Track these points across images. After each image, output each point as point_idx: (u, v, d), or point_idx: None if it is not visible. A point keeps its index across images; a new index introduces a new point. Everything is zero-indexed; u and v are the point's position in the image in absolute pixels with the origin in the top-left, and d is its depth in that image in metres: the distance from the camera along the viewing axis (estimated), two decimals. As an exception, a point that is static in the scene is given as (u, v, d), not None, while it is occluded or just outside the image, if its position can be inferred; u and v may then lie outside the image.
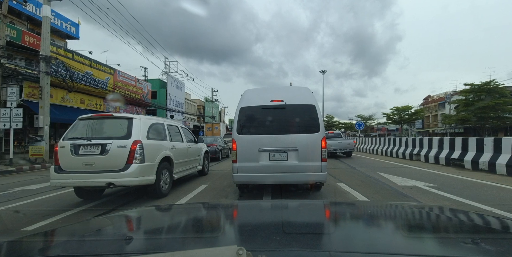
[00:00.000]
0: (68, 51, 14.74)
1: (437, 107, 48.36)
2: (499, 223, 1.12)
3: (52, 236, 1.07)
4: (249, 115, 4.68)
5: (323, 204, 1.70)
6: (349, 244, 0.84)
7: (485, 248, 0.73)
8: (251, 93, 4.86)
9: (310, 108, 4.54)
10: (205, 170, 7.80)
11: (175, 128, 6.26)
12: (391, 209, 1.48)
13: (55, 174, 4.40)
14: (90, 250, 0.85)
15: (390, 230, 1.08)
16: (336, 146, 13.28)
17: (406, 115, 43.70)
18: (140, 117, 4.89)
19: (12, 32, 12.12)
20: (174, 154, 5.46)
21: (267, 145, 4.44)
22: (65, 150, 4.43)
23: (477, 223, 1.12)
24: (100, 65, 16.89)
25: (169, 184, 5.23)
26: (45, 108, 11.66)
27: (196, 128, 34.72)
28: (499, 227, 1.05)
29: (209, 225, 1.22)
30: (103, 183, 4.23)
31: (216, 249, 0.59)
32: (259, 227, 1.04)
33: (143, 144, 4.50)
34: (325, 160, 4.37)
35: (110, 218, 1.56)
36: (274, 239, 0.81)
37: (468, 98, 29.62)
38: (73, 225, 1.44)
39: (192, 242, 0.95)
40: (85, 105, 15.95)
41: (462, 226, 1.08)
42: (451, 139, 9.54)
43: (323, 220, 1.24)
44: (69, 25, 17.49)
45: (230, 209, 1.50)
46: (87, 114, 4.97)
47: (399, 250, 0.77)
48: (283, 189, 5.41)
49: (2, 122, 10.63)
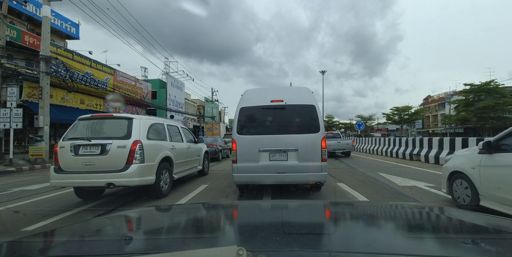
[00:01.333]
0: (68, 51, 14.74)
1: (437, 107, 48.38)
2: (499, 223, 1.12)
3: (52, 236, 1.07)
4: (249, 116, 4.68)
5: (323, 204, 1.70)
6: (349, 244, 0.84)
7: (485, 248, 0.73)
8: (251, 94, 4.86)
9: (310, 108, 4.54)
10: (205, 170, 7.80)
11: (175, 128, 6.26)
12: (391, 209, 1.48)
13: (55, 174, 4.40)
14: (90, 250, 0.85)
15: (390, 230, 1.08)
16: (335, 146, 13.44)
17: (406, 115, 43.73)
18: (140, 118, 4.89)
19: (12, 32, 12.12)
20: (174, 154, 5.46)
21: (267, 145, 4.44)
22: (65, 150, 4.42)
23: (477, 223, 1.12)
24: (100, 66, 16.89)
25: (169, 184, 5.23)
26: (45, 108, 11.66)
27: (196, 128, 34.73)
28: (499, 227, 1.05)
29: (209, 225, 1.22)
30: (103, 183, 4.23)
31: (216, 249, 0.59)
32: (259, 227, 1.04)
33: (143, 144, 4.50)
34: (325, 160, 4.37)
35: (110, 218, 1.56)
36: (274, 239, 0.81)
37: (468, 98, 29.63)
38: (73, 225, 1.44)
39: (192, 242, 0.95)
40: (85, 106, 15.95)
41: (462, 226, 1.09)
42: (451, 139, 9.54)
43: (323, 220, 1.24)
44: (69, 25, 17.49)
45: (230, 209, 1.50)
46: (87, 115, 4.97)
47: (399, 250, 0.77)
48: (283, 189, 5.41)
49: (2, 122, 10.62)
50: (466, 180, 3.78)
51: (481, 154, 3.57)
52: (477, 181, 3.57)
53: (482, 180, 3.51)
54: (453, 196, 4.11)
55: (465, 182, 3.81)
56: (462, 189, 3.87)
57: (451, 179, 4.12)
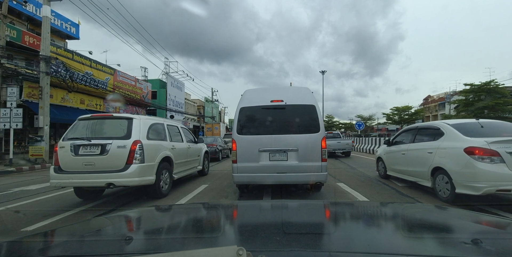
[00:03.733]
0: (68, 51, 14.73)
1: (437, 107, 48.34)
2: (499, 223, 1.12)
3: (52, 236, 1.07)
4: (249, 116, 4.67)
5: (323, 204, 1.70)
6: (349, 244, 0.84)
7: (485, 248, 0.73)
8: (251, 94, 4.86)
9: (310, 108, 4.54)
10: (205, 170, 7.80)
11: (175, 128, 6.26)
12: (391, 209, 1.48)
13: (55, 174, 4.40)
14: (90, 250, 0.85)
15: (390, 230, 1.08)
16: (335, 146, 13.41)
17: (406, 115, 43.68)
18: (140, 118, 4.89)
19: (12, 33, 12.12)
20: (174, 154, 5.46)
21: (267, 145, 4.44)
22: (65, 150, 4.42)
23: (477, 223, 1.12)
24: (100, 66, 16.89)
25: (169, 184, 5.23)
26: (45, 108, 11.66)
27: (196, 128, 34.72)
28: (499, 227, 1.05)
29: (209, 225, 1.22)
30: (103, 183, 4.23)
31: (216, 249, 0.59)
32: (259, 227, 1.03)
33: (143, 144, 4.49)
34: (325, 160, 4.36)
35: (110, 218, 1.56)
36: (274, 239, 0.81)
37: (468, 98, 29.61)
38: (73, 225, 1.44)
39: (192, 242, 0.95)
40: (85, 106, 15.94)
41: (462, 226, 1.08)
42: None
43: (323, 220, 1.23)
44: (69, 25, 17.49)
45: (230, 209, 1.50)
46: (87, 115, 4.97)
47: (399, 250, 0.77)
48: (283, 189, 5.40)
49: (2, 122, 10.62)
50: (382, 161, 6.70)
51: (386, 146, 6.61)
52: (385, 161, 6.54)
53: (387, 161, 6.47)
54: (378, 171, 7.04)
55: (383, 162, 6.70)
56: (381, 167, 6.82)
57: (378, 161, 7.06)
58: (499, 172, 3.61)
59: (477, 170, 3.72)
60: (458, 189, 3.94)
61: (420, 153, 5.01)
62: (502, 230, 1.01)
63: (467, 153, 3.88)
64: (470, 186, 3.78)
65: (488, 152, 3.73)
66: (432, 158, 4.58)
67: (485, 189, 3.62)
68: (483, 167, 3.69)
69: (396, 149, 6.01)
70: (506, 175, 3.58)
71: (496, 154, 3.68)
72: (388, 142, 6.54)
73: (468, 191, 3.81)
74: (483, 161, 3.73)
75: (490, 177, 3.65)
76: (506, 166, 3.63)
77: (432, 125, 5.13)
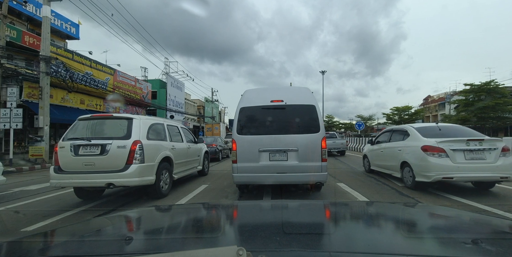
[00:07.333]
0: (68, 51, 14.73)
1: (437, 107, 48.32)
2: (499, 223, 1.12)
3: (52, 236, 1.07)
4: (249, 116, 4.67)
5: (323, 204, 1.70)
6: (349, 244, 0.84)
7: (485, 248, 0.73)
8: (251, 94, 4.86)
9: (310, 108, 4.54)
10: (205, 170, 7.80)
11: (175, 128, 6.26)
12: (391, 209, 1.48)
13: (55, 174, 4.40)
14: (90, 250, 0.85)
15: (390, 230, 1.08)
16: (331, 145, 14.34)
17: (406, 115, 43.64)
18: (140, 118, 4.89)
19: (12, 33, 12.12)
20: (174, 154, 5.46)
21: (267, 145, 4.44)
22: (65, 150, 4.42)
23: (477, 223, 1.12)
24: (100, 66, 16.88)
25: (169, 184, 5.23)
26: (45, 108, 11.66)
27: (196, 128, 34.72)
28: (499, 227, 1.05)
29: (209, 225, 1.22)
30: (103, 183, 4.23)
31: (216, 249, 0.59)
32: (259, 227, 1.03)
33: (143, 144, 4.49)
34: (325, 160, 4.36)
35: (110, 218, 1.56)
36: (274, 239, 0.81)
37: (468, 98, 29.59)
38: (73, 225, 1.44)
39: (192, 242, 0.95)
40: (85, 106, 15.94)
41: (462, 226, 1.08)
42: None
43: (323, 220, 1.23)
44: (69, 25, 17.49)
45: (230, 209, 1.50)
46: (87, 115, 4.96)
47: (399, 250, 0.77)
48: (283, 189, 5.40)
49: (2, 122, 10.62)
50: (367, 158, 7.68)
51: (370, 145, 7.61)
52: (369, 158, 7.55)
53: (370, 157, 7.49)
54: (364, 167, 8.11)
55: (367, 158, 7.68)
56: (366, 163, 7.84)
57: (364, 158, 8.12)
58: (444, 164, 4.61)
59: (429, 163, 4.75)
60: (417, 178, 5.00)
61: (393, 151, 6.09)
62: (502, 230, 1.01)
63: (423, 150, 4.92)
64: (424, 175, 4.82)
65: (436, 149, 4.75)
66: (401, 154, 5.64)
67: (434, 177, 4.65)
68: (433, 160, 4.72)
69: (377, 147, 7.10)
70: (450, 166, 4.58)
71: (442, 150, 4.69)
72: (371, 141, 7.64)
73: (423, 179, 4.87)
74: (433, 156, 4.77)
75: (437, 168, 4.64)
76: (450, 160, 4.62)
77: (402, 128, 6.13)
